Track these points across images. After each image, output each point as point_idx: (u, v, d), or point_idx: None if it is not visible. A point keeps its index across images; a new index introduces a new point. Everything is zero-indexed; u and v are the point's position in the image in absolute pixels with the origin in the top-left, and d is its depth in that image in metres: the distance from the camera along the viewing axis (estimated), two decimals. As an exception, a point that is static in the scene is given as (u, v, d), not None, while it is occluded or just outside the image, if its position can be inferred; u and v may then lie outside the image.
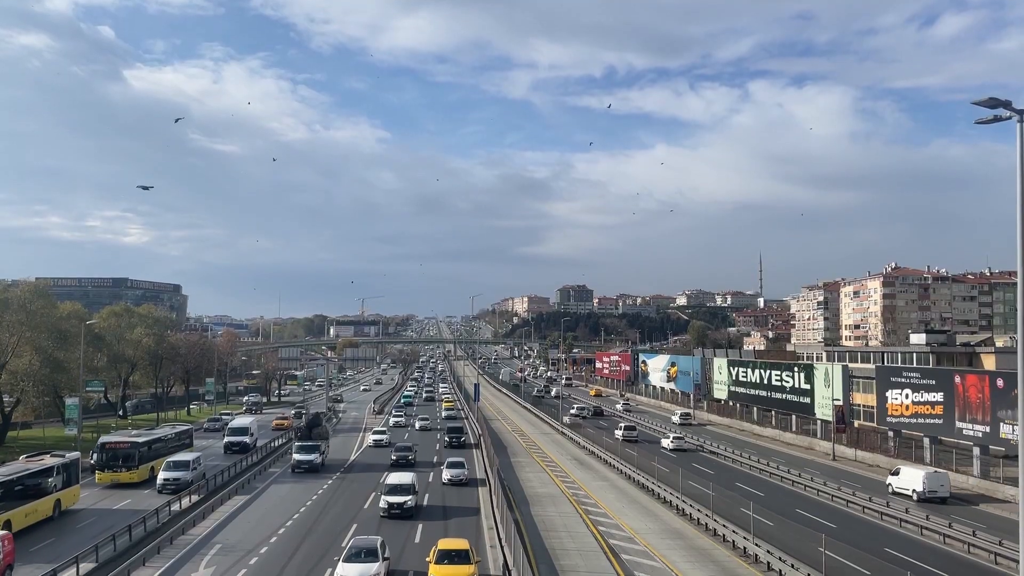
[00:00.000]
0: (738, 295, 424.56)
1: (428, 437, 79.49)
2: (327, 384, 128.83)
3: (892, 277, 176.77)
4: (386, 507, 40.90)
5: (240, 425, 70.43)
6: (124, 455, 50.63)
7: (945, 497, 49.44)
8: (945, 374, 61.32)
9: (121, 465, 50.29)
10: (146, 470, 51.79)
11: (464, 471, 52.25)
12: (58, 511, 41.12)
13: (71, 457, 43.74)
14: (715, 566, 33.59)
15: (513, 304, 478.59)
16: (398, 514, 40.77)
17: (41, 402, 74.77)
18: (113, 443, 51.56)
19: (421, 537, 37.36)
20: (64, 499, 42.04)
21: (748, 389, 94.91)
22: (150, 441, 54.10)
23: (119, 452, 50.69)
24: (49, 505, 40.39)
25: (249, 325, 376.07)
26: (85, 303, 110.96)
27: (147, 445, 53.00)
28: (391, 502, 40.99)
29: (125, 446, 51.23)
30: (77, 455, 44.92)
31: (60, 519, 40.84)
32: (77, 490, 43.98)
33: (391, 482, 43.51)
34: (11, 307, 67.69)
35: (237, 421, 73.81)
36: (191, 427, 67.14)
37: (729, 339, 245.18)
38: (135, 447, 51.27)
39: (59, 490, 41.42)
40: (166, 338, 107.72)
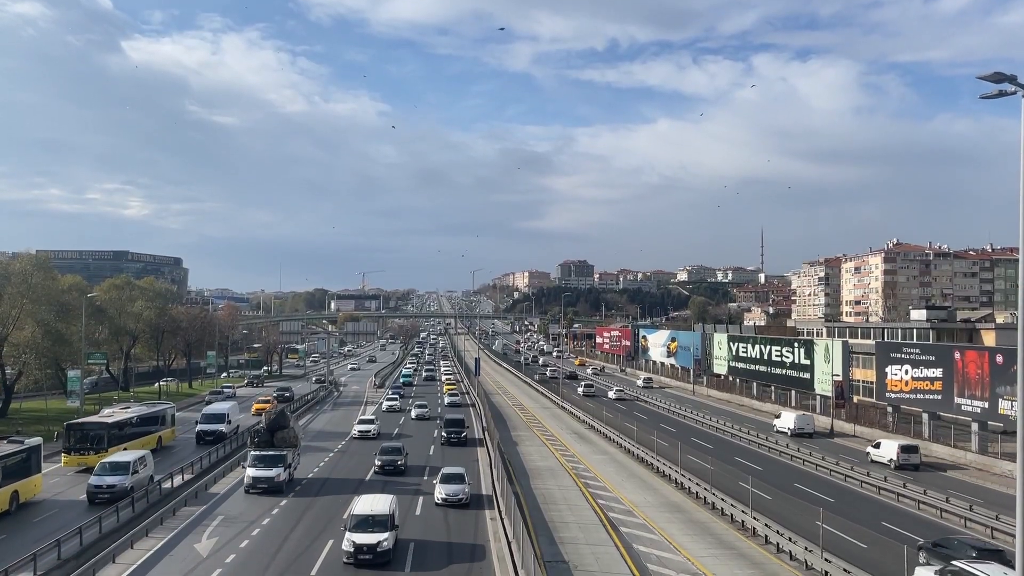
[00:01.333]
0: (739, 270, 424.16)
1: (425, 429, 65.93)
2: (328, 357, 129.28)
3: (893, 253, 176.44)
4: (351, 551, 28.78)
5: (215, 411, 61.29)
6: (93, 437, 46.98)
7: (917, 464, 52.42)
8: (945, 350, 61.43)
9: (89, 448, 46.54)
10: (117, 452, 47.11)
11: (464, 488, 38.79)
12: (15, 504, 37.17)
13: (31, 443, 39.71)
14: (713, 539, 33.87)
15: (514, 279, 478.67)
16: (368, 560, 28.72)
17: (43, 374, 75.05)
18: (80, 424, 48.21)
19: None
20: (23, 491, 38.08)
21: (748, 364, 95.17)
22: (122, 421, 50.24)
23: (87, 434, 47.08)
24: (4, 498, 36.52)
25: (250, 299, 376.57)
26: (86, 276, 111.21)
27: (119, 426, 49.29)
28: (359, 543, 28.89)
29: (93, 427, 47.72)
30: (38, 441, 40.75)
31: (17, 513, 36.77)
32: (39, 480, 40.00)
33: (360, 511, 30.72)
34: (12, 280, 67.72)
35: (213, 406, 64.62)
36: (171, 405, 60.85)
37: (730, 314, 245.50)
38: (104, 428, 47.59)
39: (16, 481, 37.63)
40: (167, 311, 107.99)
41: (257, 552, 30.64)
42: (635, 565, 29.46)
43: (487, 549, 31.44)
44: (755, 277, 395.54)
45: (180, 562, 29.15)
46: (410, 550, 30.93)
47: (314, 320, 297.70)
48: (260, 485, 40.59)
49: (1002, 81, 19.25)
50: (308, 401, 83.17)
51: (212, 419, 59.61)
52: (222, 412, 60.75)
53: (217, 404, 67.33)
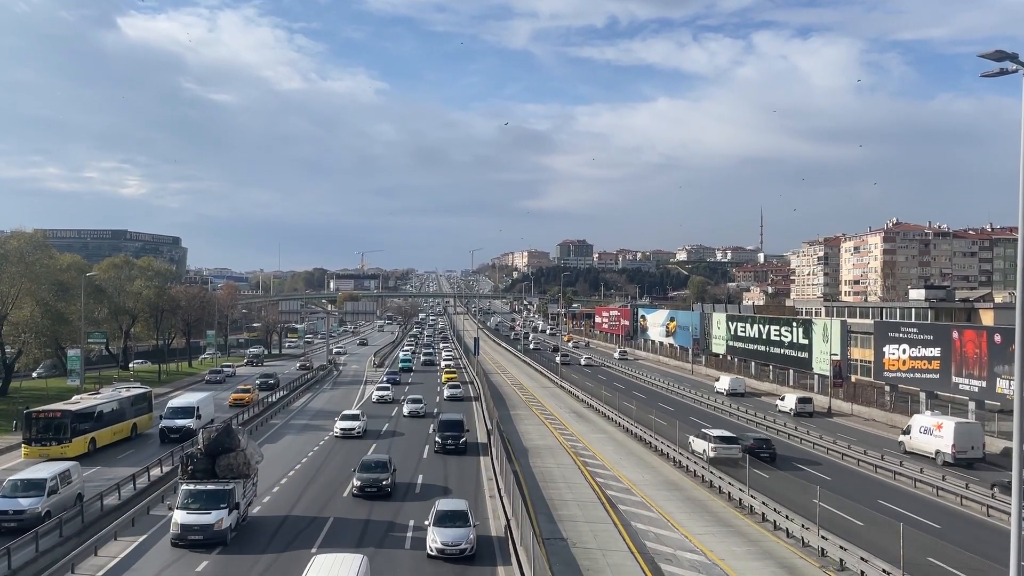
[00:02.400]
0: (738, 250, 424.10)
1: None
2: (327, 337, 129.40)
3: (893, 232, 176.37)
4: None
5: (182, 404, 52.85)
6: (56, 426, 43.37)
7: (811, 412, 66.14)
8: (943, 329, 61.56)
9: (52, 438, 42.99)
10: (83, 443, 44.46)
11: (469, 534, 27.68)
12: (135, 433, 36.89)
13: (146, 389, 39.75)
14: (710, 516, 34.11)
15: (513, 259, 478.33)
16: None
17: (43, 353, 75.06)
18: (42, 412, 44.31)
19: None
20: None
21: (746, 344, 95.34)
22: (90, 408, 46.44)
23: (49, 422, 43.41)
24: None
25: (249, 278, 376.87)
26: (85, 255, 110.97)
27: (86, 414, 45.60)
28: None
29: (56, 415, 43.85)
30: (148, 388, 41.95)
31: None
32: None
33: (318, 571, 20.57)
34: (10, 258, 67.57)
35: (180, 398, 55.76)
36: (148, 390, 56.03)
37: (728, 294, 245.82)
38: (68, 416, 43.84)
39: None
40: (166, 290, 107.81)
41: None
42: (633, 542, 29.69)
43: None
44: (754, 257, 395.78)
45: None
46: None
47: (313, 300, 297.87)
48: (192, 536, 27.99)
49: (1003, 59, 19.13)
50: (295, 388, 75.13)
51: (178, 414, 51.24)
52: (190, 405, 52.37)
53: (185, 396, 57.06)
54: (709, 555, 28.42)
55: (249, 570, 26.36)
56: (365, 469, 36.73)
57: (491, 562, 27.44)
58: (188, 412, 51.61)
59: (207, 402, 55.54)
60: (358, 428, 52.22)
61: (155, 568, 26.53)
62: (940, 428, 47.80)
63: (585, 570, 26.53)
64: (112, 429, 48.06)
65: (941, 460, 46.53)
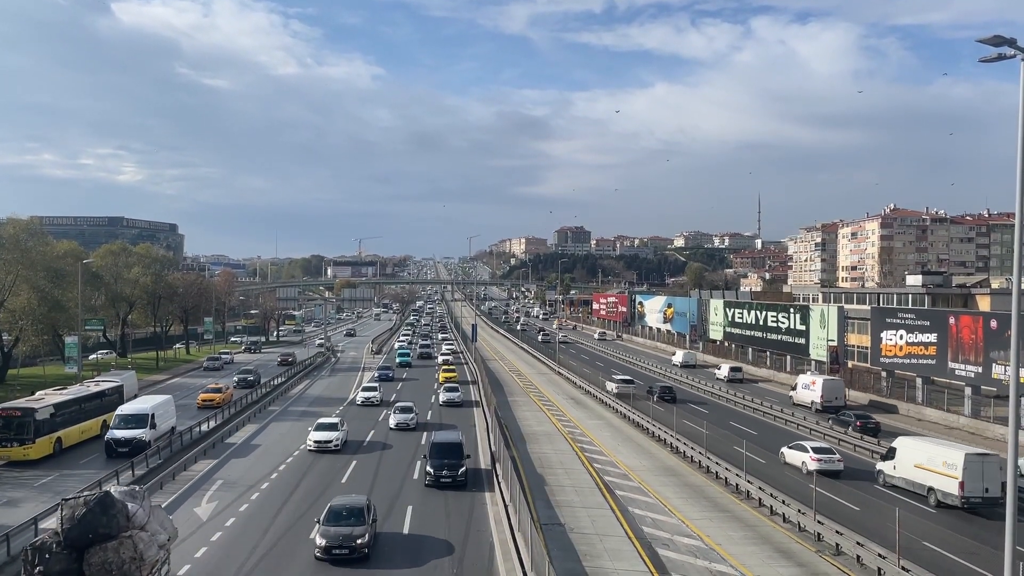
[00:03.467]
0: (736, 236, 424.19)
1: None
2: (325, 324, 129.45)
3: (890, 218, 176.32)
4: None
5: (134, 411, 44.11)
6: (17, 425, 39.64)
7: (741, 379, 78.65)
8: (939, 315, 61.68)
9: (12, 438, 39.39)
10: (48, 443, 40.87)
11: None
12: None
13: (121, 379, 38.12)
14: (707, 502, 34.27)
15: (511, 245, 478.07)
16: None
17: (40, 340, 75.09)
18: (1, 411, 40.46)
19: None
20: None
21: (744, 330, 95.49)
22: (56, 405, 42.39)
23: (10, 421, 39.74)
24: None
25: (246, 265, 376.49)
26: (81, 242, 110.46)
27: (51, 411, 41.59)
28: None
29: (17, 414, 40.04)
30: None
31: None
32: None
33: None
34: (5, 245, 67.43)
35: (132, 404, 46.45)
36: (120, 383, 51.61)
37: (726, 280, 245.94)
38: (30, 415, 39.84)
39: None
40: (164, 277, 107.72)
41: None
42: (630, 527, 29.82)
43: None
44: (752, 243, 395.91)
45: None
46: None
47: (311, 286, 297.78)
48: None
49: (1002, 44, 19.10)
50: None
51: (128, 422, 42.84)
52: (143, 413, 43.75)
53: (139, 401, 47.66)
54: (706, 540, 28.58)
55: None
56: (334, 519, 26.51)
57: None
58: (140, 420, 43.12)
59: (165, 407, 46.90)
60: (336, 440, 42.90)
61: None
62: (814, 384, 62.32)
63: (583, 555, 26.67)
64: (80, 427, 44.32)
65: (814, 407, 60.40)
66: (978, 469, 33.74)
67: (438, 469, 35.43)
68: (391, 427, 49.79)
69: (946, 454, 35.18)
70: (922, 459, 36.24)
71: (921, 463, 36.26)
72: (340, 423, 45.23)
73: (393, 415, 51.20)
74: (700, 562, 26.22)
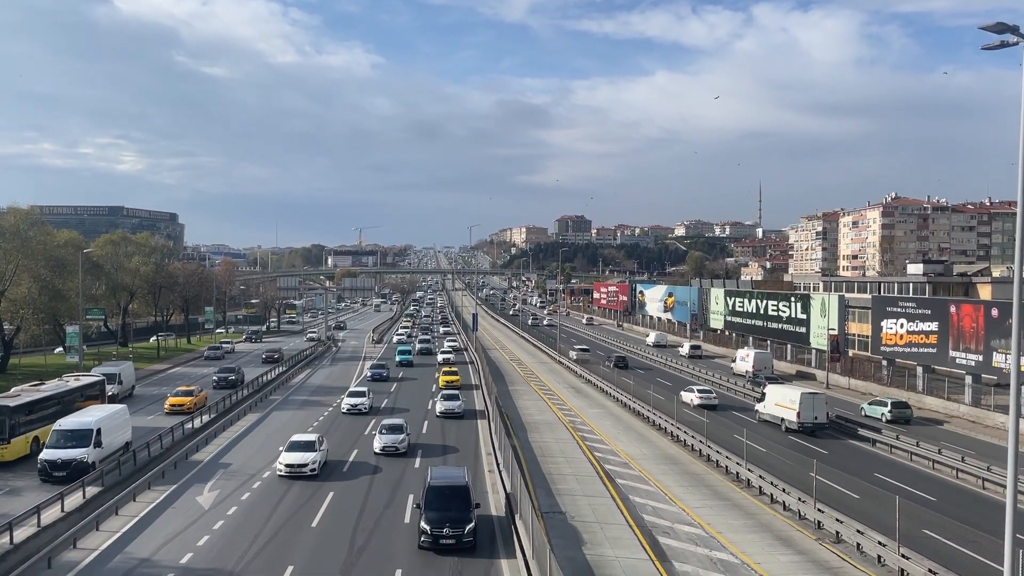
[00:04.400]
0: (737, 225, 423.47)
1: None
2: (326, 313, 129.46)
3: (891, 207, 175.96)
4: None
5: (75, 426, 35.99)
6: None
7: (700, 355, 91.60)
8: (940, 304, 61.65)
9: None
10: (24, 444, 37.53)
11: None
12: None
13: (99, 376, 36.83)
14: (708, 490, 34.35)
15: (511, 234, 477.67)
16: None
17: (41, 330, 75.10)
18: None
19: None
20: None
21: (744, 319, 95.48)
22: (31, 403, 38.99)
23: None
24: None
25: (247, 254, 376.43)
26: (81, 231, 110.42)
27: (27, 409, 38.30)
28: None
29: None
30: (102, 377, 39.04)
31: None
32: None
33: None
34: (5, 235, 67.38)
35: (74, 417, 37.90)
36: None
37: (727, 269, 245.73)
38: (4, 413, 36.63)
39: None
40: (164, 267, 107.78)
41: None
42: (631, 516, 29.89)
43: None
44: (753, 232, 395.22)
45: None
46: None
47: (311, 276, 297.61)
48: None
49: (1004, 32, 18.97)
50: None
51: (68, 440, 34.95)
52: (85, 428, 35.84)
53: (83, 414, 38.83)
54: (707, 528, 28.65)
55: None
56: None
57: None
58: (82, 437, 35.21)
59: (115, 420, 39.05)
60: (311, 465, 35.20)
61: None
62: (748, 356, 73.74)
63: (584, 543, 26.74)
64: None
65: (748, 375, 69.05)
66: (809, 403, 47.51)
67: (437, 525, 25.56)
68: (376, 451, 39.68)
69: (791, 394, 48.87)
70: (779, 399, 49.91)
71: (778, 401, 49.83)
72: (318, 441, 37.22)
73: (379, 436, 40.55)
74: (701, 550, 26.30)
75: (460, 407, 51.48)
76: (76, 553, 24.94)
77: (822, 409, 47.86)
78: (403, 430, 40.87)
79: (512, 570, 24.04)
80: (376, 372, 70.09)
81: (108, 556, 24.98)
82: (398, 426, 41.29)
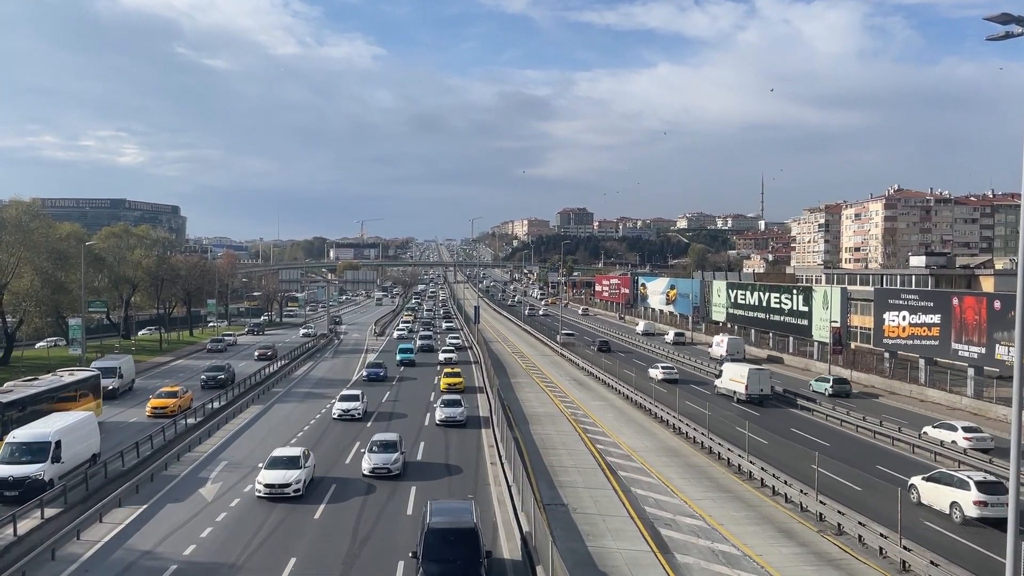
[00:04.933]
0: (739, 218, 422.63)
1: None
2: (328, 306, 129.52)
3: (894, 199, 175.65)
4: None
5: (29, 438, 31.80)
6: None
7: (684, 342, 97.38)
8: (943, 296, 61.55)
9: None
10: None
11: None
12: None
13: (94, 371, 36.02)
14: (710, 482, 34.35)
15: (513, 227, 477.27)
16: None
17: (44, 323, 75.25)
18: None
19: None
20: None
21: (746, 311, 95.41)
22: (23, 399, 37.29)
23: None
24: None
25: (249, 247, 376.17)
26: (84, 224, 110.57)
27: (16, 406, 36.41)
28: None
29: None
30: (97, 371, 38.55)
31: None
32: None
33: None
34: (7, 227, 67.41)
35: (30, 429, 33.17)
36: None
37: (729, 262, 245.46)
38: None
39: None
40: (166, 259, 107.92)
41: None
42: (633, 508, 29.92)
43: None
44: (755, 224, 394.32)
45: None
46: None
47: (313, 269, 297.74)
48: None
49: (1009, 22, 18.83)
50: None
51: (22, 454, 31.00)
52: (42, 440, 31.67)
53: (42, 424, 34.11)
54: (708, 520, 28.67)
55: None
56: None
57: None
58: (38, 451, 31.23)
59: (80, 430, 34.69)
60: (295, 484, 30.80)
61: None
62: (722, 342, 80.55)
63: (585, 535, 26.77)
64: None
65: (722, 358, 74.12)
66: (756, 377, 55.75)
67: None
68: (364, 473, 34.05)
69: (740, 371, 57.33)
70: (732, 374, 58.05)
71: (732, 377, 57.87)
72: (304, 456, 32.51)
73: (368, 455, 34.75)
74: (702, 541, 26.32)
75: (463, 415, 46.24)
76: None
77: (767, 383, 55.89)
78: (397, 447, 35.24)
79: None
80: (372, 372, 64.85)
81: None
82: (391, 443, 35.56)
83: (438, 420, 45.88)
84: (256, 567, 23.70)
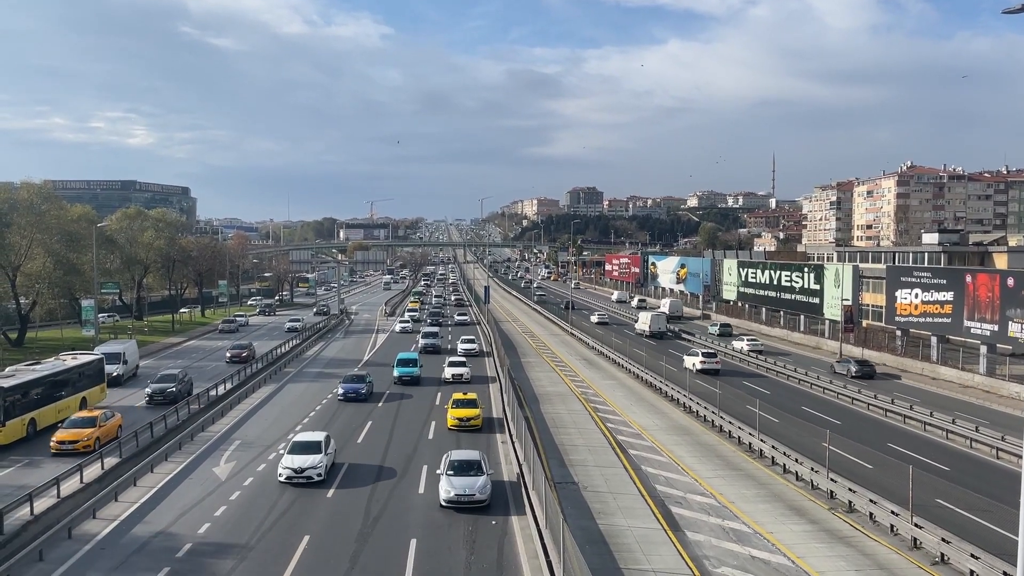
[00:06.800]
0: (750, 196, 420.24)
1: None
2: (339, 287, 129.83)
3: (907, 176, 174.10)
4: None
5: None
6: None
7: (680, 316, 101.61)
8: (955, 273, 61.15)
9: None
10: (20, 426, 35.42)
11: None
12: None
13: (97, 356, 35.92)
14: (720, 460, 34.40)
15: (523, 207, 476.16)
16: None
17: (57, 304, 75.74)
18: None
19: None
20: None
21: (757, 290, 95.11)
22: (23, 385, 36.46)
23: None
24: None
25: (259, 228, 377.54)
26: (95, 206, 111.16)
27: (19, 391, 35.91)
28: None
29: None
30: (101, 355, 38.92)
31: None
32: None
33: None
34: (20, 209, 67.74)
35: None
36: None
37: (740, 240, 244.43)
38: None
39: None
40: (177, 241, 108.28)
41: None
42: (643, 486, 30.01)
43: None
44: (766, 202, 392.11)
45: None
46: None
47: (324, 249, 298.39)
48: None
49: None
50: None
51: None
52: None
53: None
54: (719, 498, 28.74)
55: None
56: None
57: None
58: None
59: None
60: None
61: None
62: (665, 303, 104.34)
63: (596, 513, 26.88)
64: (56, 407, 38.58)
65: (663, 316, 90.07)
66: (656, 319, 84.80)
67: None
68: None
69: (645, 316, 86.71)
70: (642, 318, 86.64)
71: (641, 320, 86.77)
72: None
73: None
74: (713, 519, 26.40)
75: (485, 491, 26.97)
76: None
77: (663, 324, 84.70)
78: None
79: None
80: (350, 388, 47.31)
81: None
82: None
83: (444, 500, 26.89)
84: (270, 545, 23.90)
